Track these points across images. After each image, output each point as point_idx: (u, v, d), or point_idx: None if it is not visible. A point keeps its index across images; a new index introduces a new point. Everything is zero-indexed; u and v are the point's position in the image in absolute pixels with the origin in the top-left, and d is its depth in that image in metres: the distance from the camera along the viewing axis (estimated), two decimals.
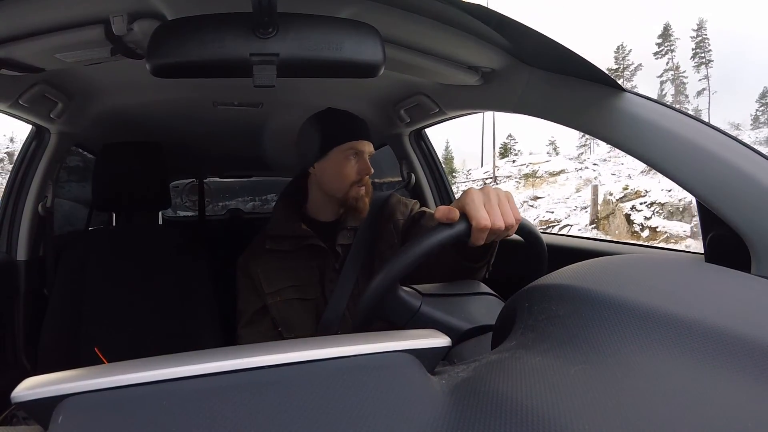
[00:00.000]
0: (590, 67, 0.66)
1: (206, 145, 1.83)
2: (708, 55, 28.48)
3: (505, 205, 0.58)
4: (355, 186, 0.97)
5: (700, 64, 28.53)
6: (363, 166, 0.97)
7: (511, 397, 0.31)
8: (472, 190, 0.57)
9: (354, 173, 0.96)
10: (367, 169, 0.97)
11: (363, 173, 0.96)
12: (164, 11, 0.66)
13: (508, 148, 30.49)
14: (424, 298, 0.62)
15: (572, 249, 1.20)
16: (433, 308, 0.62)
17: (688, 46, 28.82)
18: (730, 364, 0.33)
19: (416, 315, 0.61)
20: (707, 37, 28.34)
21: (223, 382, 0.32)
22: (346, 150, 0.96)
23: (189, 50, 0.53)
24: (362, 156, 0.97)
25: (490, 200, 0.57)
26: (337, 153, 0.96)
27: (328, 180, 0.98)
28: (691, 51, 28.75)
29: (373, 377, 0.34)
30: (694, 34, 28.59)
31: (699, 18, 30.07)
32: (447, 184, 1.59)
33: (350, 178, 0.96)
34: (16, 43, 0.69)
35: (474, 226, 0.55)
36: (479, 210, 0.55)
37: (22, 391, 0.30)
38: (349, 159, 0.96)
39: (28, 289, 1.23)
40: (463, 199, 0.56)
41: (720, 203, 0.58)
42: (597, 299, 0.40)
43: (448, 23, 0.72)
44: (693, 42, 28.64)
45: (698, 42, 28.56)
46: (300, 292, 0.97)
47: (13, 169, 1.26)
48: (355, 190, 0.97)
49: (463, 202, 0.56)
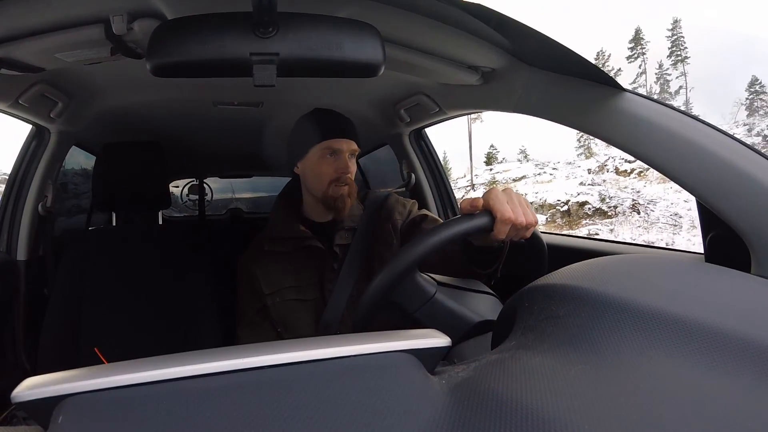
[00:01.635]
0: (590, 67, 0.66)
1: (206, 145, 1.83)
2: (684, 52, 28.67)
3: (525, 205, 0.62)
4: (333, 185, 0.96)
5: (677, 62, 28.65)
6: (340, 164, 0.96)
7: (511, 397, 0.31)
8: (495, 188, 0.62)
9: (331, 171, 0.96)
10: (344, 167, 0.96)
11: (340, 171, 0.96)
12: (164, 11, 0.66)
13: (491, 157, 31.79)
14: (439, 287, 0.64)
15: (572, 249, 1.20)
16: (447, 297, 0.63)
17: (665, 45, 29.11)
18: (730, 364, 0.32)
19: (430, 301, 0.62)
20: (683, 35, 28.56)
21: (223, 382, 0.32)
22: (323, 149, 0.96)
23: (189, 50, 0.53)
24: (340, 154, 0.97)
25: (512, 199, 0.61)
26: (315, 152, 0.97)
27: (309, 179, 0.99)
28: (668, 49, 28.96)
29: (373, 377, 0.34)
30: (669, 34, 28.82)
31: (673, 17, 30.51)
32: (447, 184, 1.59)
33: (327, 177, 0.96)
34: (16, 43, 0.69)
35: (498, 219, 0.58)
36: (503, 204, 0.59)
37: (22, 391, 0.30)
38: (325, 157, 0.96)
39: (28, 289, 1.23)
40: (487, 195, 0.61)
41: (720, 203, 0.58)
42: (597, 299, 0.40)
43: (448, 23, 0.72)
44: (669, 41, 28.88)
45: (674, 40, 28.73)
46: (299, 293, 0.97)
47: (13, 169, 1.26)
48: (333, 189, 0.96)
49: (487, 197, 0.60)
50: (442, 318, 0.62)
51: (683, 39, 28.64)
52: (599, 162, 18.58)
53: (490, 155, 31.78)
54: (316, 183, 0.98)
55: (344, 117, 1.01)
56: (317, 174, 0.97)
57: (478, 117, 31.44)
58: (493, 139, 40.12)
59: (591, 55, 32.83)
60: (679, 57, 28.67)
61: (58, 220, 1.50)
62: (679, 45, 28.64)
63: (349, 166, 0.97)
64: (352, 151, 0.99)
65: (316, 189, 0.98)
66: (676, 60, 28.70)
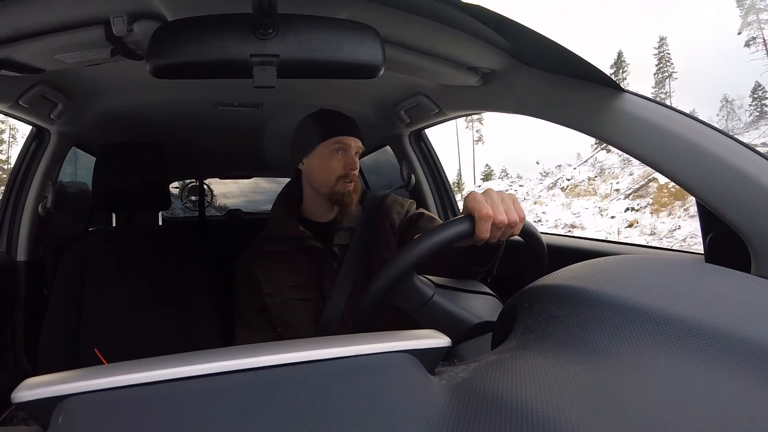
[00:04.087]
0: (590, 68, 0.66)
1: (206, 146, 1.83)
2: (670, 68, 28.76)
3: (508, 203, 0.61)
4: (341, 181, 0.97)
5: (664, 79, 28.70)
6: (348, 160, 0.97)
7: (511, 397, 0.31)
8: (474, 191, 0.61)
9: (340, 167, 0.97)
10: (352, 163, 0.97)
11: (348, 167, 0.97)
12: (164, 12, 0.66)
13: (488, 174, 33.91)
14: (437, 288, 0.64)
15: (572, 249, 1.20)
16: (445, 299, 0.64)
17: (651, 62, 29.22)
18: (730, 364, 0.32)
19: (428, 304, 0.62)
20: (669, 52, 28.68)
21: (224, 383, 0.32)
22: (332, 144, 0.97)
23: (189, 51, 0.53)
24: (348, 150, 0.98)
25: (492, 198, 0.60)
26: (323, 148, 0.97)
27: (316, 175, 0.99)
28: (655, 66, 29.04)
29: (374, 377, 0.34)
30: (656, 51, 28.94)
31: (659, 35, 30.75)
32: (447, 184, 1.59)
33: (336, 173, 0.97)
34: (16, 44, 0.69)
35: (476, 217, 0.58)
36: (480, 203, 0.59)
37: (22, 392, 0.30)
38: (334, 153, 0.97)
39: (28, 290, 1.23)
40: (465, 198, 0.61)
41: (720, 203, 0.58)
42: (597, 300, 0.40)
43: (448, 24, 0.72)
44: (656, 58, 28.97)
45: (660, 57, 28.82)
46: (298, 293, 0.97)
47: (13, 169, 1.26)
48: (341, 185, 0.97)
49: (465, 200, 0.61)
50: (440, 320, 0.62)
51: (669, 55, 28.72)
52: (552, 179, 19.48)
53: (486, 173, 33.53)
54: (323, 179, 0.98)
55: (350, 117, 1.02)
56: (326, 169, 0.97)
57: (480, 139, 32.31)
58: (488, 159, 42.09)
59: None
60: (666, 73, 28.67)
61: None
62: (664, 61, 28.65)
63: (356, 163, 0.98)
64: (359, 149, 1.00)
65: (324, 185, 0.98)
66: (663, 77, 28.69)
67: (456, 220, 0.59)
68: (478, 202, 0.59)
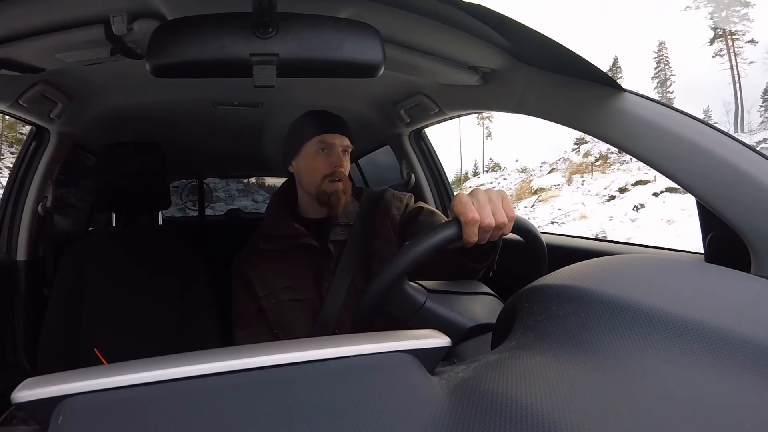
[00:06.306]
0: (590, 67, 0.66)
1: (206, 145, 1.83)
2: (669, 70, 28.82)
3: (496, 203, 0.60)
4: (327, 180, 0.96)
5: (663, 82, 28.76)
6: (334, 158, 0.97)
7: (511, 397, 0.31)
8: (460, 193, 0.61)
9: (325, 166, 0.96)
10: (338, 161, 0.96)
11: (333, 166, 0.96)
12: (164, 11, 0.66)
13: (494, 167, 34.39)
14: (429, 294, 0.64)
15: (572, 249, 1.20)
16: (437, 304, 0.63)
17: (651, 65, 29.33)
18: (730, 364, 0.32)
19: (421, 310, 0.62)
20: (668, 56, 28.82)
21: (223, 383, 0.32)
22: (316, 144, 0.97)
23: (189, 50, 0.53)
24: (332, 149, 0.97)
25: (479, 200, 0.60)
26: (308, 148, 0.97)
27: (303, 176, 0.99)
28: (653, 70, 29.13)
29: (374, 377, 0.34)
30: (655, 55, 29.06)
31: (659, 40, 30.93)
32: (447, 184, 1.59)
33: (321, 172, 0.96)
34: (16, 43, 0.69)
35: (462, 222, 0.58)
36: (466, 206, 0.58)
37: (22, 392, 0.30)
38: (318, 153, 0.97)
39: (28, 290, 1.23)
40: (452, 201, 0.60)
41: (720, 203, 0.58)
42: (597, 299, 0.40)
43: (447, 23, 0.72)
44: (654, 61, 29.09)
45: (658, 60, 28.89)
46: (294, 293, 0.97)
47: (13, 169, 1.26)
48: (327, 185, 0.96)
49: (452, 204, 0.60)
50: (434, 325, 0.62)
51: (668, 58, 28.84)
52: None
53: (491, 167, 33.82)
54: (310, 179, 0.98)
55: (336, 115, 1.01)
56: (311, 169, 0.97)
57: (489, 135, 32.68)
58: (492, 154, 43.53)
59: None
60: (665, 76, 28.71)
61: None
62: (663, 64, 28.70)
63: (343, 161, 0.97)
64: (345, 147, 0.99)
65: (310, 185, 0.98)
66: (662, 80, 28.73)
67: (443, 226, 0.59)
68: (464, 205, 0.58)
